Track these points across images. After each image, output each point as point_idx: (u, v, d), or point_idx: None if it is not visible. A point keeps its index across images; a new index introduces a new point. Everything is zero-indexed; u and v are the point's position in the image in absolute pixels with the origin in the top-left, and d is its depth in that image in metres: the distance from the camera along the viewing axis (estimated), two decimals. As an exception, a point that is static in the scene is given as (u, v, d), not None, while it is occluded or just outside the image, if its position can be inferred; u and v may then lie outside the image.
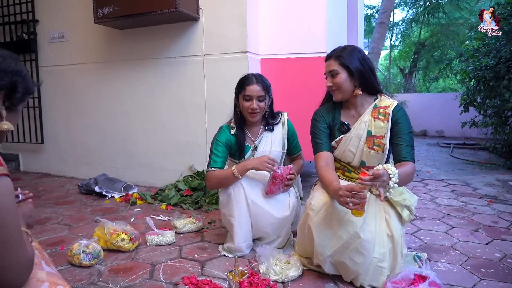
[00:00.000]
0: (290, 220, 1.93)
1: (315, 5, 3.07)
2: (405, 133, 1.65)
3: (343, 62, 1.68)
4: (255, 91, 1.90)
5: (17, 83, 0.91)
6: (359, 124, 1.73)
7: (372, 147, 1.69)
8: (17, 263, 0.79)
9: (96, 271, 1.78)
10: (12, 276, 0.79)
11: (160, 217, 2.59)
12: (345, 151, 1.75)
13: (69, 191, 3.40)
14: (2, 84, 0.88)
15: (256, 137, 2.03)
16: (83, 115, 3.85)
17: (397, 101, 1.74)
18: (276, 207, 1.89)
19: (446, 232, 2.29)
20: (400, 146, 1.64)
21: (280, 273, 1.66)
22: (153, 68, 3.39)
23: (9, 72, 0.89)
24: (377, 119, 1.70)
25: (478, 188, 3.47)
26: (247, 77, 1.96)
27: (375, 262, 1.53)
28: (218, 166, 1.90)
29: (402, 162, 1.60)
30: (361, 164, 1.74)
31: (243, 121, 2.02)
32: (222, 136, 1.97)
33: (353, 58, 1.68)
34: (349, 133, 1.74)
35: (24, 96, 0.95)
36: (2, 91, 0.89)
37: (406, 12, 14.49)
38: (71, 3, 3.70)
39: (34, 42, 3.93)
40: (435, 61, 12.91)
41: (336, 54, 1.71)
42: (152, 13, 2.91)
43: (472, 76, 5.23)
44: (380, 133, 1.69)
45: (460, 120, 6.38)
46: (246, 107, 1.92)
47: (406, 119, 1.69)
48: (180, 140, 3.35)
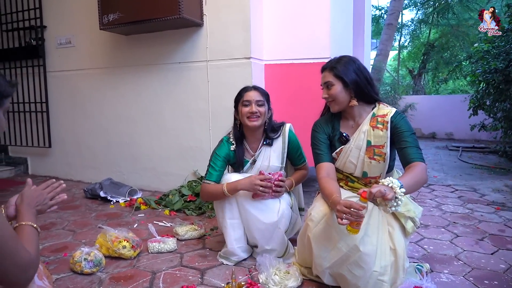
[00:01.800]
0: (279, 228, 1.89)
1: (319, 10, 3.05)
2: (407, 135, 1.61)
3: (337, 74, 1.67)
4: (253, 96, 1.94)
5: None
6: (358, 135, 1.71)
7: (373, 157, 1.67)
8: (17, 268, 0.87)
9: (97, 279, 1.80)
10: (16, 278, 0.88)
11: (163, 223, 2.60)
12: (346, 162, 1.74)
13: (75, 196, 3.44)
14: None
15: (255, 151, 2.03)
16: (89, 120, 3.89)
17: (395, 109, 1.71)
18: (263, 211, 1.88)
19: (450, 241, 2.26)
20: (406, 149, 1.59)
21: (279, 283, 1.65)
22: (158, 74, 3.41)
23: None
24: (376, 128, 1.68)
25: (486, 194, 3.42)
26: (245, 86, 2.03)
27: (375, 275, 1.51)
28: (213, 180, 1.92)
29: (411, 163, 1.55)
30: (363, 175, 1.72)
31: (242, 135, 2.03)
32: (222, 150, 1.99)
33: (348, 69, 1.66)
34: (349, 144, 1.73)
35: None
36: None
37: (415, 13, 14.36)
38: (77, 10, 3.74)
39: (42, 47, 3.99)
40: (444, 63, 12.75)
41: (331, 65, 1.70)
42: (156, 19, 2.93)
43: (481, 79, 5.15)
44: (379, 143, 1.67)
45: (470, 123, 6.30)
46: (245, 112, 1.93)
47: (406, 123, 1.66)
48: (184, 145, 3.36)
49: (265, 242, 1.92)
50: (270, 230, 1.89)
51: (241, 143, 2.02)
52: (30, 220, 1.07)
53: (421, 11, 13.48)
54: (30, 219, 1.08)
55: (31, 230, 1.04)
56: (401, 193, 1.31)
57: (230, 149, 2.00)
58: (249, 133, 2.02)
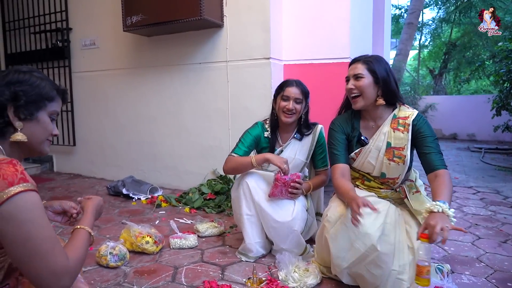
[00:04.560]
0: (295, 229, 1.91)
1: (339, 10, 3.06)
2: (431, 140, 1.62)
3: (371, 67, 1.65)
4: (293, 93, 1.99)
5: (19, 92, 0.95)
6: (378, 136, 1.70)
7: (392, 159, 1.67)
8: (49, 273, 0.83)
9: (122, 272, 1.86)
10: (47, 283, 0.84)
11: (183, 220, 2.66)
12: (364, 163, 1.74)
13: (98, 192, 3.55)
14: (4, 99, 0.94)
15: (285, 141, 2.11)
16: (112, 119, 4.00)
17: (417, 111, 1.70)
18: (277, 211, 1.91)
19: (472, 243, 2.23)
20: (430, 155, 1.60)
21: (298, 281, 1.67)
22: (179, 74, 3.49)
23: (10, 85, 0.94)
24: (396, 130, 1.67)
25: (510, 197, 3.34)
26: (288, 80, 2.08)
27: (394, 274, 1.51)
28: (240, 154, 2.00)
29: (436, 171, 1.56)
30: (382, 175, 1.72)
31: (277, 125, 2.11)
32: (255, 130, 2.10)
33: (380, 65, 1.66)
34: (368, 145, 1.73)
35: (37, 102, 0.98)
36: (9, 104, 0.94)
37: (436, 12, 14.07)
38: (102, 12, 3.86)
39: (67, 49, 4.12)
40: (466, 62, 12.44)
41: (364, 58, 1.69)
42: (178, 21, 2.99)
43: (505, 79, 5.03)
44: (400, 145, 1.66)
45: (493, 124, 6.15)
46: (282, 106, 2.01)
47: (429, 127, 1.66)
48: (204, 144, 3.42)
49: (281, 241, 1.95)
50: (284, 230, 1.91)
51: (275, 132, 2.11)
52: (90, 226, 1.05)
53: (442, 10, 13.20)
54: (90, 225, 1.06)
55: (85, 236, 1.01)
56: (452, 214, 1.35)
57: (263, 133, 2.09)
58: (282, 124, 2.09)
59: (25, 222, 0.81)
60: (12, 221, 0.80)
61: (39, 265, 0.82)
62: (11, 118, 0.95)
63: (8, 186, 0.80)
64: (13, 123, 0.95)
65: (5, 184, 0.80)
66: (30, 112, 0.97)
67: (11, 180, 0.81)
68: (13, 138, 0.95)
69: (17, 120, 0.95)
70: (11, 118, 0.94)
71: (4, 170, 0.82)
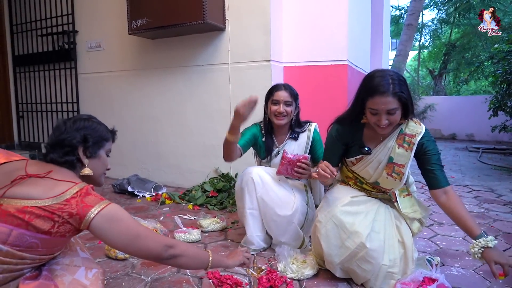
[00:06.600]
0: (293, 222, 2.01)
1: (337, 14, 3.17)
2: (436, 158, 1.65)
3: (403, 99, 1.52)
4: (282, 96, 2.10)
5: (87, 135, 1.20)
6: (382, 149, 1.69)
7: (391, 174, 1.68)
8: (155, 244, 1.14)
9: (130, 263, 1.97)
10: (156, 253, 1.15)
11: (187, 216, 2.77)
12: (363, 170, 1.77)
13: (104, 190, 3.66)
14: (76, 141, 1.18)
15: (281, 143, 2.21)
16: (117, 119, 4.10)
17: (424, 127, 1.66)
18: (279, 205, 2.02)
19: (463, 238, 2.33)
20: (435, 172, 1.63)
21: (296, 271, 1.78)
22: (182, 76, 3.59)
23: (80, 130, 1.19)
24: (401, 146, 1.65)
25: (503, 195, 3.44)
26: (277, 85, 2.19)
27: (385, 268, 1.62)
28: (240, 144, 2.09)
29: (442, 188, 1.62)
30: (376, 183, 1.76)
31: (271, 128, 2.21)
32: (253, 128, 2.22)
33: (405, 88, 1.53)
34: (371, 156, 1.72)
35: (99, 143, 1.24)
36: (80, 145, 1.18)
37: (435, 13, 14.15)
38: (107, 16, 3.97)
39: (73, 51, 4.23)
40: (466, 63, 12.54)
41: (393, 90, 1.49)
42: (181, 24, 3.10)
43: (502, 80, 5.12)
44: (401, 162, 1.66)
45: (491, 124, 6.24)
46: (273, 110, 2.11)
47: (434, 144, 1.67)
48: (206, 144, 3.53)
49: (280, 235, 2.05)
50: (284, 223, 2.02)
51: (270, 135, 2.22)
52: (215, 260, 1.35)
53: (442, 11, 13.29)
54: (217, 260, 1.36)
55: (203, 256, 1.32)
56: (494, 240, 1.49)
57: (260, 134, 2.21)
58: (276, 127, 2.20)
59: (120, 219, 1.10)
60: (113, 222, 1.09)
61: (145, 241, 1.12)
62: (81, 156, 1.19)
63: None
64: (82, 160, 1.19)
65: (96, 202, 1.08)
66: (94, 151, 1.23)
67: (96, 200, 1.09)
68: (82, 173, 1.20)
69: (85, 157, 1.20)
70: (80, 156, 1.19)
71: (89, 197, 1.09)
